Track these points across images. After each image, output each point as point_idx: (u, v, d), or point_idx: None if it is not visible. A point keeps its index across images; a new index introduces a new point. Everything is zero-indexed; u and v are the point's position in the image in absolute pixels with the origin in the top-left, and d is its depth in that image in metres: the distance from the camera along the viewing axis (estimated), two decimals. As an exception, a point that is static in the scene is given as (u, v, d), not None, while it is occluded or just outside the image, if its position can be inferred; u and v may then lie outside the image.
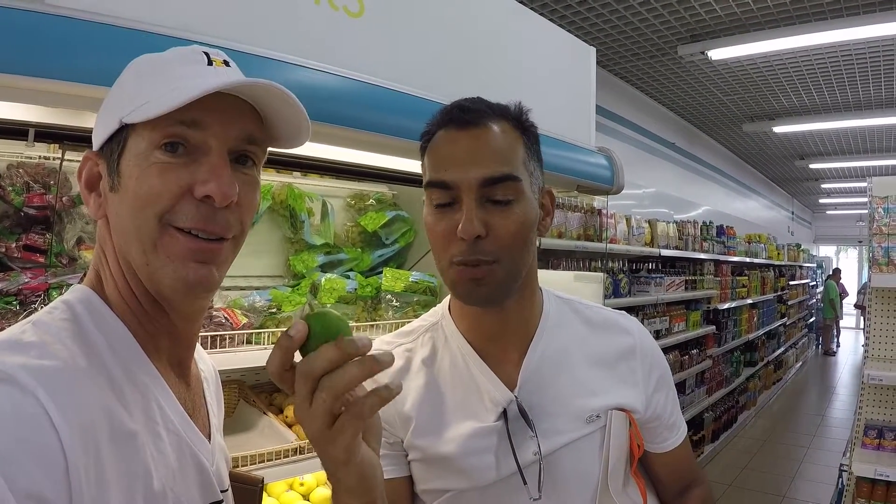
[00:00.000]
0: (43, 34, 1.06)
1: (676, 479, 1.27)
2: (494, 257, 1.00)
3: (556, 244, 3.81)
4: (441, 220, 1.03)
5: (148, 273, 0.77)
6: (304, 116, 0.84)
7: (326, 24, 1.64)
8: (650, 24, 5.50)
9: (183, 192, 0.75)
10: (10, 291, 1.56)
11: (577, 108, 2.66)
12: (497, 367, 1.11)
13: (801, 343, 12.80)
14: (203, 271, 0.77)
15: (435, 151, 1.05)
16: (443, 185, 1.02)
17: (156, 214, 0.74)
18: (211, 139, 0.77)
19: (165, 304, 0.81)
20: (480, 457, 1.07)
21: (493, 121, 1.04)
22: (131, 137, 0.76)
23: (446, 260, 1.03)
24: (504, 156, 1.03)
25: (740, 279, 8.05)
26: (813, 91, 7.46)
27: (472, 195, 1.00)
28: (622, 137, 7.07)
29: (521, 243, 1.04)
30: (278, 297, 2.08)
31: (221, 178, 0.76)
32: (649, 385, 1.18)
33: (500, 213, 1.01)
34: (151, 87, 0.75)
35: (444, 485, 1.10)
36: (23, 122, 1.36)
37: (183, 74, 0.77)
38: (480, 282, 1.01)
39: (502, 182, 1.01)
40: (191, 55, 0.80)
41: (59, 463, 0.62)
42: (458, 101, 1.08)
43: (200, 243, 0.77)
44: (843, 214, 19.33)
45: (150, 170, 0.74)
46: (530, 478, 1.05)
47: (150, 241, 0.75)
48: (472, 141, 1.02)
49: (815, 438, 7.53)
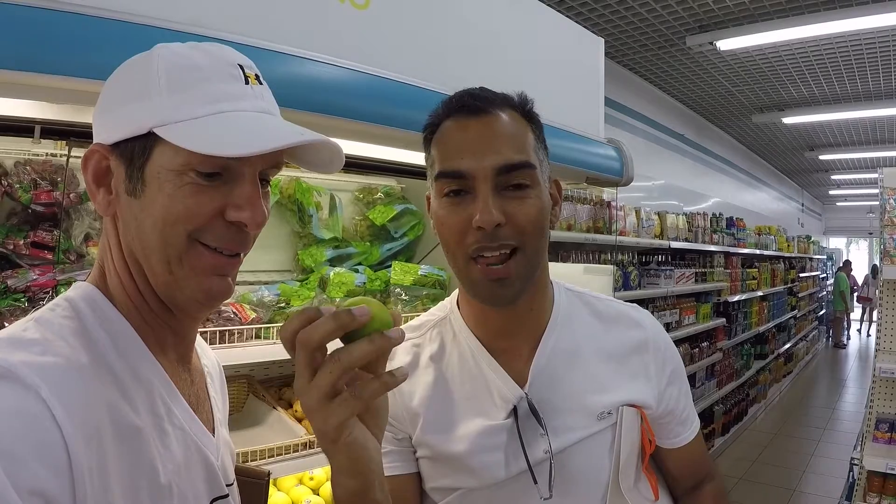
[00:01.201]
0: (53, 30, 1.06)
1: (689, 475, 1.25)
2: (517, 242, 0.98)
3: (566, 236, 3.79)
4: (454, 212, 0.99)
5: (169, 283, 0.77)
6: (339, 155, 0.86)
7: (332, 16, 1.64)
8: (658, 15, 5.45)
9: (216, 213, 0.76)
10: (19, 288, 1.56)
11: (586, 100, 2.65)
12: (507, 363, 1.09)
13: (811, 336, 12.74)
14: (224, 284, 0.80)
15: (444, 141, 1.02)
16: (457, 175, 0.99)
17: (187, 231, 0.75)
18: (247, 167, 0.78)
19: (177, 309, 0.81)
20: (490, 455, 1.04)
21: (501, 109, 1.02)
22: (160, 147, 0.75)
23: (463, 254, 1.00)
24: (518, 143, 1.00)
25: (750, 271, 8.00)
26: (822, 81, 7.40)
27: (489, 183, 0.97)
28: (631, 129, 7.03)
29: (540, 231, 1.02)
30: (287, 291, 2.08)
31: (256, 207, 0.78)
32: (662, 379, 1.16)
33: (517, 200, 0.98)
34: (191, 105, 0.75)
35: (453, 483, 1.08)
36: (29, 118, 1.36)
37: (223, 95, 0.77)
38: (504, 282, 0.98)
39: (518, 169, 0.98)
40: (227, 69, 0.79)
41: (62, 459, 0.62)
42: (464, 90, 1.05)
43: (222, 259, 0.79)
44: (854, 206, 19.20)
45: (184, 189, 0.75)
46: (541, 476, 1.03)
47: (176, 255, 0.76)
48: (484, 128, 1.00)
49: (826, 432, 7.49)
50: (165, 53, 0.77)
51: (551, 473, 1.03)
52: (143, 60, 0.78)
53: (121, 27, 1.14)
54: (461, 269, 1.02)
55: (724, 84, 7.66)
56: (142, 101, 0.75)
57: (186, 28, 1.22)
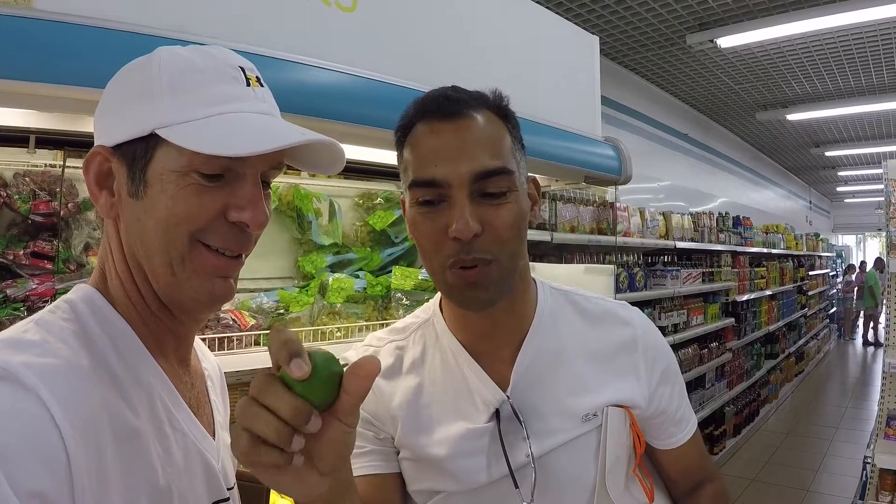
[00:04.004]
0: (33, 38, 1.07)
1: (687, 476, 1.21)
2: (492, 255, 0.95)
3: (569, 238, 3.78)
4: (428, 221, 0.96)
5: (172, 284, 0.78)
6: (341, 156, 0.87)
7: (318, 19, 1.63)
8: (657, 14, 5.45)
9: (218, 213, 0.77)
10: (18, 298, 1.57)
11: (582, 99, 2.64)
12: (489, 366, 1.06)
13: (822, 334, 12.64)
14: (226, 286, 0.81)
15: (417, 146, 0.98)
16: (431, 184, 0.94)
17: (189, 232, 0.76)
18: (248, 168, 0.79)
19: (179, 311, 0.81)
20: (470, 459, 1.02)
21: (476, 110, 0.98)
22: (162, 149, 0.75)
23: (439, 263, 0.97)
24: (494, 148, 0.97)
25: (758, 270, 7.96)
26: (826, 77, 7.36)
27: (464, 191, 0.93)
28: (635, 130, 7.01)
29: (518, 238, 0.99)
30: (286, 298, 2.08)
31: (257, 208, 0.79)
32: (653, 378, 1.12)
33: (494, 208, 0.95)
34: (192, 106, 0.75)
35: (434, 486, 1.05)
36: (23, 128, 1.37)
37: (225, 97, 0.78)
38: (478, 285, 0.95)
39: (495, 175, 0.94)
40: (228, 71, 0.80)
41: (61, 461, 0.62)
42: (435, 90, 1.02)
43: (225, 260, 0.79)
44: (862, 202, 19.06)
45: (187, 190, 0.75)
46: (523, 481, 1.00)
47: (178, 256, 0.76)
48: (458, 133, 0.95)
49: (840, 430, 7.42)
50: (167, 56, 0.78)
51: (534, 478, 1.00)
52: (144, 63, 0.78)
53: (108, 35, 1.15)
54: (437, 274, 0.99)
55: (726, 82, 7.63)
56: (144, 102, 0.76)
57: (173, 35, 1.22)
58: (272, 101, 0.85)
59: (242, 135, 0.75)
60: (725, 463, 6.17)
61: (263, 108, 0.82)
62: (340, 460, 0.72)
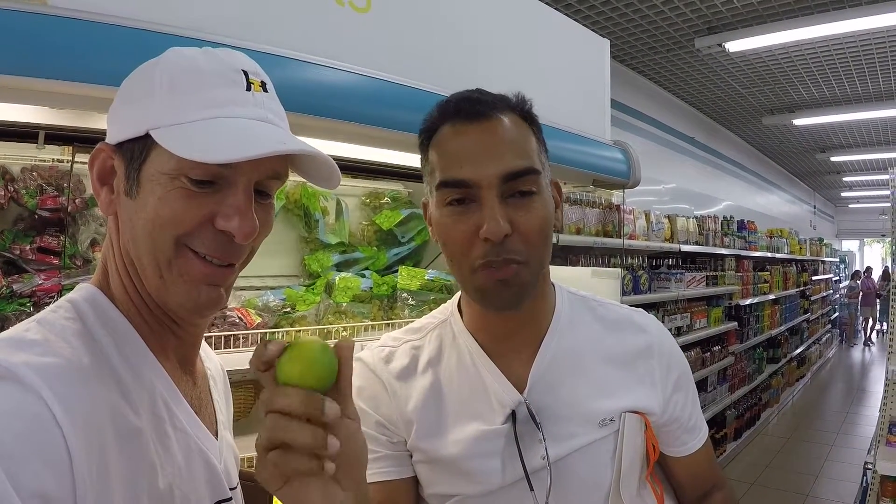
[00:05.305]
0: (47, 36, 1.06)
1: (697, 484, 1.21)
2: (522, 257, 0.95)
3: (575, 240, 3.76)
4: (459, 222, 0.95)
5: (159, 287, 0.77)
6: (336, 172, 0.85)
7: (333, 20, 1.63)
8: (666, 17, 5.44)
9: (205, 220, 0.75)
10: (24, 293, 1.57)
11: (592, 102, 2.64)
12: (506, 367, 1.06)
13: (824, 339, 12.61)
14: (214, 294, 0.78)
15: (444, 147, 0.98)
16: (461, 184, 0.95)
17: (174, 237, 0.75)
18: (240, 176, 0.77)
19: (171, 315, 0.81)
20: (486, 460, 1.01)
21: (501, 112, 0.99)
22: (156, 150, 0.75)
23: (468, 265, 0.97)
24: (522, 148, 0.97)
25: (762, 274, 7.94)
26: (833, 82, 7.34)
27: (494, 191, 0.93)
28: (641, 133, 7.00)
29: (546, 239, 0.99)
30: (292, 296, 2.07)
31: (245, 218, 0.76)
32: (667, 386, 1.12)
33: (523, 208, 0.95)
34: (187, 108, 0.75)
35: (449, 489, 1.05)
36: (33, 124, 1.37)
37: (222, 100, 0.77)
38: (509, 284, 0.95)
39: (524, 176, 0.95)
40: (229, 74, 0.78)
41: (63, 460, 0.61)
42: (460, 92, 1.02)
43: (213, 268, 0.77)
44: (866, 208, 19.04)
45: (174, 193, 0.74)
46: (538, 484, 1.00)
47: (164, 259, 0.75)
48: (486, 134, 0.96)
49: (840, 436, 7.41)
50: (172, 57, 0.78)
51: (550, 481, 1.00)
52: (153, 63, 0.78)
53: (122, 33, 1.15)
54: (466, 276, 0.99)
55: (733, 86, 7.62)
56: (144, 102, 0.76)
57: (186, 33, 1.22)
58: (274, 108, 0.83)
59: (223, 141, 0.73)
60: (726, 467, 6.16)
61: (260, 113, 0.79)
62: (359, 465, 0.75)
